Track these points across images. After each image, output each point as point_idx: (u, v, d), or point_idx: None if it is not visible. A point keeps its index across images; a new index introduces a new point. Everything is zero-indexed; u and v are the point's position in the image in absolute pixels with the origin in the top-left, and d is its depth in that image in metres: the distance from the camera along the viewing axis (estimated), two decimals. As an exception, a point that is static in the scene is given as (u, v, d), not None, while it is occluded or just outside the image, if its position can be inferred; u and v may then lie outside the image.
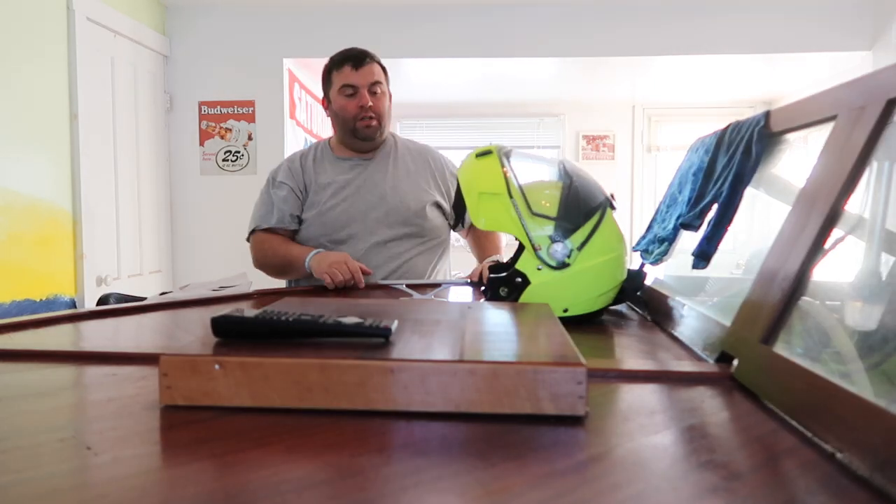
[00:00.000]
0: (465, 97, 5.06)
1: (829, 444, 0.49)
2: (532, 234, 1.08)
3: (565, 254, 1.08)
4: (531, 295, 1.10)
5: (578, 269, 1.09)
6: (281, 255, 1.79)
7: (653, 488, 0.43)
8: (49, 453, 0.48)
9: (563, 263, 1.08)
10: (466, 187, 1.16)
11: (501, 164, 1.13)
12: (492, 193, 1.11)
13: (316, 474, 0.44)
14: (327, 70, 1.89)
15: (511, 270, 1.12)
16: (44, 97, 2.59)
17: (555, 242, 1.08)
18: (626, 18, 3.61)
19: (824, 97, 0.82)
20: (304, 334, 0.65)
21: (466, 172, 1.18)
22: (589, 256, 1.09)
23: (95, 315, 1.11)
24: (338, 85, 1.83)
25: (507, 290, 1.12)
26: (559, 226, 1.08)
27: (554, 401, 0.55)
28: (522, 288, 1.10)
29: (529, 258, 1.10)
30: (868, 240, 0.76)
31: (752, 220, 1.11)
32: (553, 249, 1.08)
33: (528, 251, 1.09)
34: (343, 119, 1.83)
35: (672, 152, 5.24)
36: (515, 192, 1.10)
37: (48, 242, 2.60)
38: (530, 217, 1.09)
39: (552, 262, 1.08)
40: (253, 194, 1.97)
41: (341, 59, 1.84)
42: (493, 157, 1.15)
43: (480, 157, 1.17)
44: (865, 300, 0.73)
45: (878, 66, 1.26)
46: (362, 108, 1.79)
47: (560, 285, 1.09)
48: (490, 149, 1.18)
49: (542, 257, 1.08)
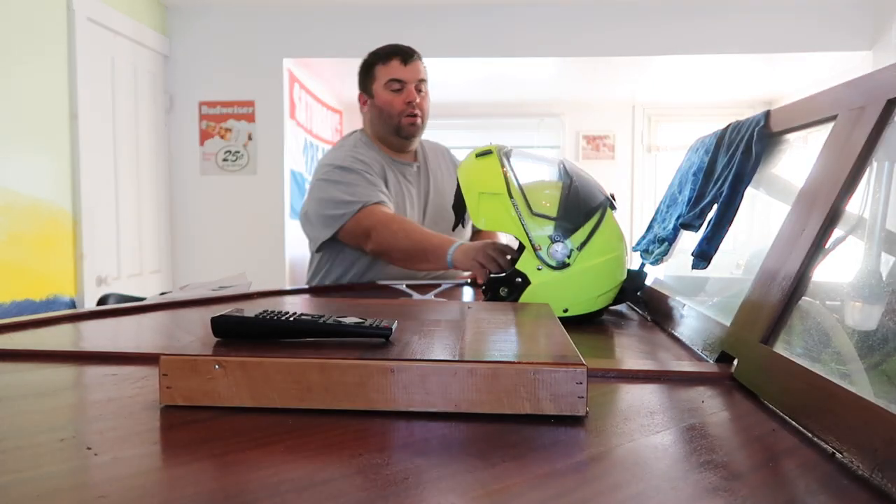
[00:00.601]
0: (465, 97, 5.06)
1: (829, 444, 0.49)
2: (532, 234, 1.08)
3: (565, 254, 1.08)
4: (531, 295, 1.10)
5: (578, 269, 1.09)
6: (417, 239, 1.58)
7: (653, 488, 0.43)
8: (49, 453, 0.48)
9: (564, 263, 1.08)
10: (466, 187, 1.15)
11: (501, 164, 1.13)
12: (492, 193, 1.11)
13: (316, 474, 0.44)
14: (368, 64, 1.82)
15: (511, 270, 1.12)
16: (44, 97, 2.59)
17: (555, 242, 1.08)
18: (626, 18, 3.61)
19: (824, 97, 0.82)
20: (304, 334, 0.65)
21: (466, 172, 1.18)
22: (589, 256, 1.09)
23: (95, 315, 1.11)
24: (384, 79, 1.76)
25: (508, 290, 1.12)
26: (559, 226, 1.08)
27: (554, 401, 0.55)
28: (522, 288, 1.10)
29: (529, 258, 1.10)
30: (868, 240, 0.76)
31: (752, 220, 1.12)
32: (553, 249, 1.08)
33: (529, 251, 1.09)
34: (388, 115, 1.76)
35: (672, 152, 5.24)
36: (515, 192, 1.10)
37: (48, 242, 2.60)
38: (530, 217, 1.09)
39: (552, 262, 1.08)
40: (253, 194, 1.96)
41: (389, 52, 1.77)
42: (493, 157, 1.15)
43: (480, 156, 1.17)
44: (865, 300, 0.73)
45: (878, 66, 1.26)
46: (409, 105, 1.74)
47: (560, 285, 1.09)
48: (490, 148, 1.18)
49: (543, 257, 1.08)
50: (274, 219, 3.69)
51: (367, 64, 1.83)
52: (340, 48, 3.66)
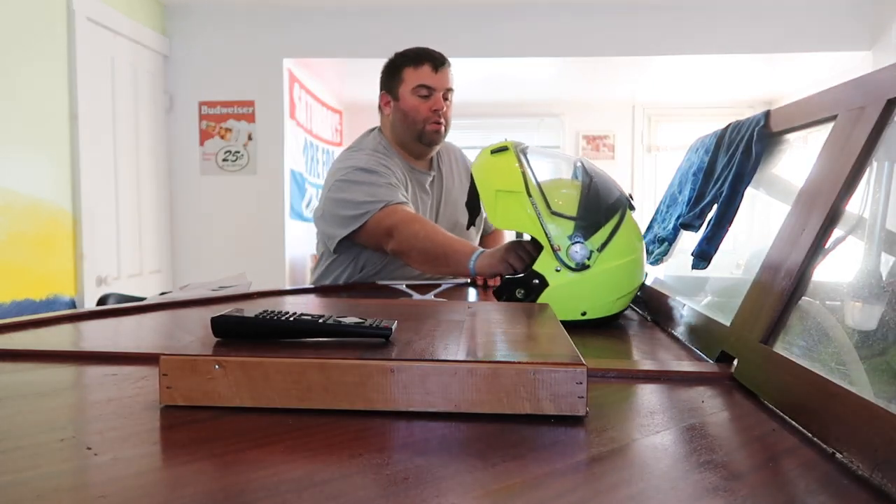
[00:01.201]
0: (465, 97, 5.02)
1: (829, 444, 0.49)
2: (551, 233, 1.04)
3: (585, 255, 1.03)
4: (549, 297, 1.05)
5: (598, 270, 1.05)
6: (440, 241, 1.52)
7: (653, 488, 0.43)
8: (49, 453, 0.48)
9: (583, 265, 1.04)
10: (482, 184, 1.11)
11: (518, 161, 1.09)
12: (509, 191, 1.07)
13: (316, 474, 0.44)
14: (396, 66, 1.77)
15: (528, 271, 1.08)
16: (44, 97, 2.59)
17: (574, 243, 1.04)
18: (626, 18, 3.61)
19: (824, 97, 0.82)
20: (304, 334, 0.65)
21: (482, 169, 1.14)
22: (609, 258, 1.05)
23: (95, 315, 1.11)
24: (412, 83, 1.73)
25: (525, 293, 1.07)
26: (579, 226, 1.04)
27: (554, 401, 0.55)
28: (540, 290, 1.06)
29: (548, 259, 1.05)
30: (868, 240, 0.76)
31: (752, 220, 1.11)
32: (573, 251, 1.03)
33: (547, 252, 1.05)
34: (413, 120, 1.74)
35: (672, 152, 5.23)
36: (534, 190, 1.06)
37: (48, 242, 2.60)
38: (549, 216, 1.05)
39: (572, 264, 1.04)
40: (253, 194, 1.96)
41: (420, 56, 1.74)
42: (510, 154, 1.11)
43: (496, 153, 1.12)
44: (865, 300, 0.73)
45: (878, 66, 1.26)
46: (435, 112, 1.72)
47: (579, 288, 1.05)
48: (506, 145, 1.13)
49: (562, 258, 1.04)
50: (274, 219, 3.69)
51: (394, 65, 1.78)
52: (340, 48, 3.66)
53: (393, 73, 1.78)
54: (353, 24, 3.61)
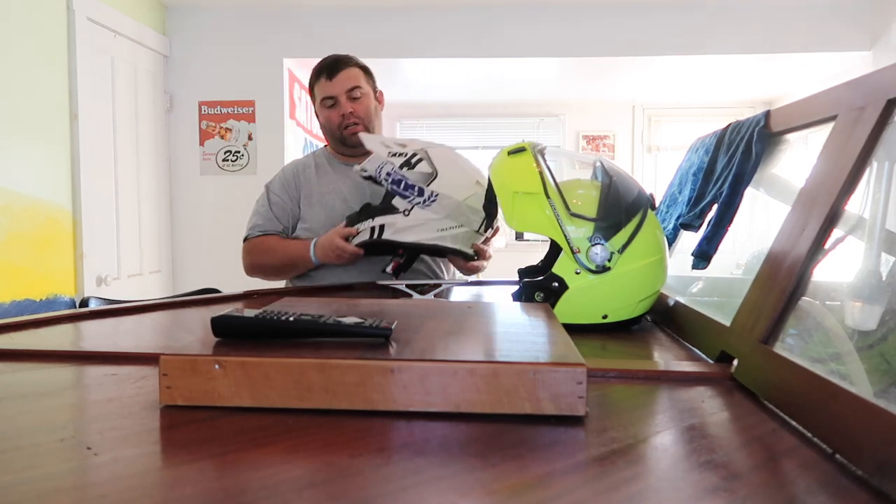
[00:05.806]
0: (465, 97, 5.06)
1: (829, 444, 0.49)
2: (570, 235, 1.02)
3: (606, 257, 1.01)
4: (568, 300, 1.03)
5: (619, 272, 1.02)
6: (280, 254, 1.76)
7: (653, 488, 0.43)
8: (49, 453, 0.48)
9: (604, 267, 1.02)
10: (500, 186, 1.09)
11: (536, 162, 1.07)
12: (527, 193, 1.05)
13: (316, 474, 0.44)
14: (310, 85, 1.90)
15: (547, 274, 1.05)
16: (44, 97, 2.59)
17: (594, 245, 1.01)
18: (626, 18, 3.61)
19: (824, 97, 0.82)
20: (304, 334, 0.65)
21: (499, 171, 1.12)
22: (630, 260, 1.03)
23: (95, 315, 1.11)
24: (319, 98, 1.85)
25: (544, 296, 1.05)
26: (599, 227, 1.02)
27: (554, 401, 0.55)
28: (560, 293, 1.03)
29: (567, 261, 1.03)
30: (868, 240, 0.76)
31: (752, 220, 1.11)
32: (593, 252, 1.01)
33: (567, 254, 1.03)
34: (330, 129, 1.86)
35: (672, 152, 5.24)
36: (552, 191, 1.04)
37: (48, 242, 2.60)
38: (568, 218, 1.02)
39: (592, 266, 1.02)
40: (253, 194, 1.97)
41: (318, 71, 1.86)
42: (527, 155, 1.09)
43: (513, 154, 1.11)
44: (865, 300, 0.73)
45: (878, 66, 1.26)
46: (344, 117, 1.81)
47: (599, 290, 1.03)
48: (523, 146, 1.11)
49: (581, 260, 1.02)
50: (274, 219, 3.68)
51: (309, 85, 1.92)
52: (340, 48, 3.62)
53: (310, 93, 1.92)
54: (353, 24, 3.61)
